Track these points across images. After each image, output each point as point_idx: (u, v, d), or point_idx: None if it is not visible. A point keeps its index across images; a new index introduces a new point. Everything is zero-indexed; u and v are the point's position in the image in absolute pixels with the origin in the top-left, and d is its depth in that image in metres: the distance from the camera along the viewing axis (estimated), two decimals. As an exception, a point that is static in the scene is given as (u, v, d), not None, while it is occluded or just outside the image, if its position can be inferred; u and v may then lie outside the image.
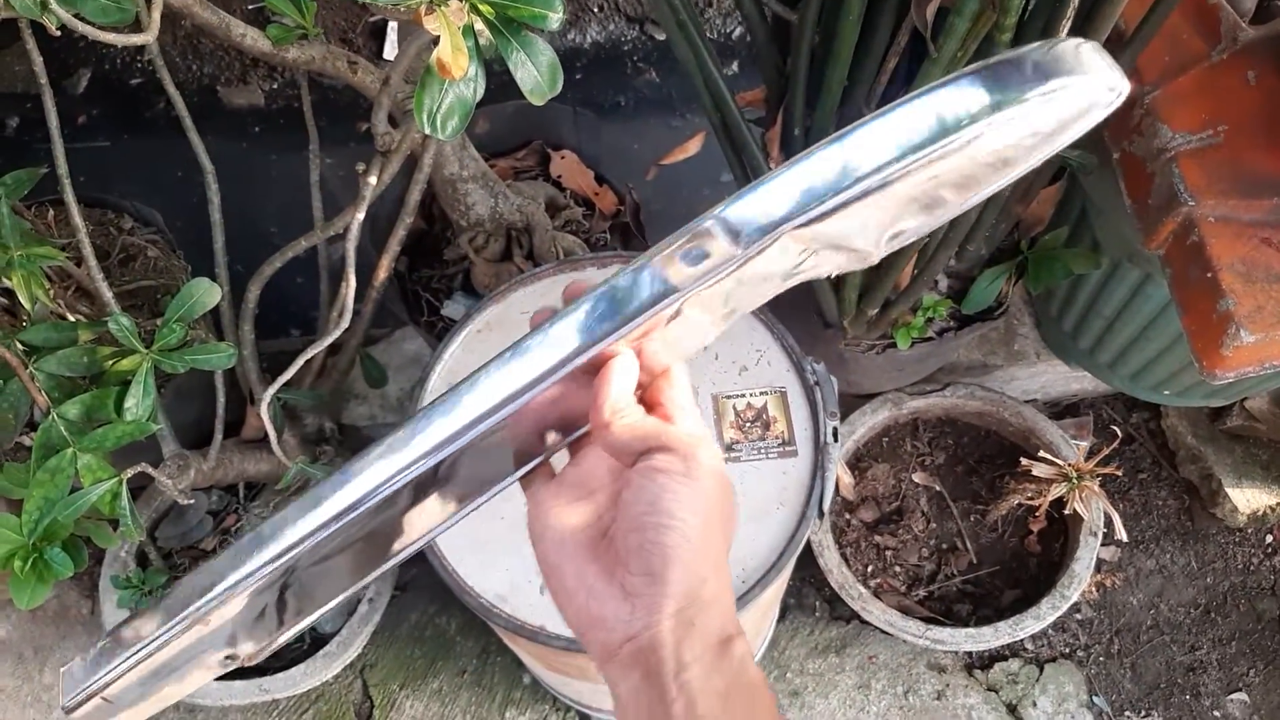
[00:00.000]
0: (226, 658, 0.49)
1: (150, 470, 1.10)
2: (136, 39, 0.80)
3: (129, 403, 1.03)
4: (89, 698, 0.45)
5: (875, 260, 0.45)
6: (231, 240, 1.20)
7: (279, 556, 0.43)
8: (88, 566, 1.04)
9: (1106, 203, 1.14)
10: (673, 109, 2.14)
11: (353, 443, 1.44)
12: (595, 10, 2.18)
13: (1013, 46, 0.90)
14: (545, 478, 0.48)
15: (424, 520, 0.48)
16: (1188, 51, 1.02)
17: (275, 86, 2.14)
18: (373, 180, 1.06)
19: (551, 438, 0.48)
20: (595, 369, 0.44)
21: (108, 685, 0.45)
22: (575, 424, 0.47)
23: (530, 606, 0.98)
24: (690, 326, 0.45)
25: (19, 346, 1.06)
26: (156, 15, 0.82)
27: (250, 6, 2.03)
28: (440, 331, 1.31)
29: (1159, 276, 1.14)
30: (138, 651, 0.44)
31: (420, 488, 0.45)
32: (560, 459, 0.49)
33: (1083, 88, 0.39)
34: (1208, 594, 1.59)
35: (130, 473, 1.05)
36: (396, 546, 0.48)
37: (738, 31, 2.25)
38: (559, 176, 1.41)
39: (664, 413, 0.46)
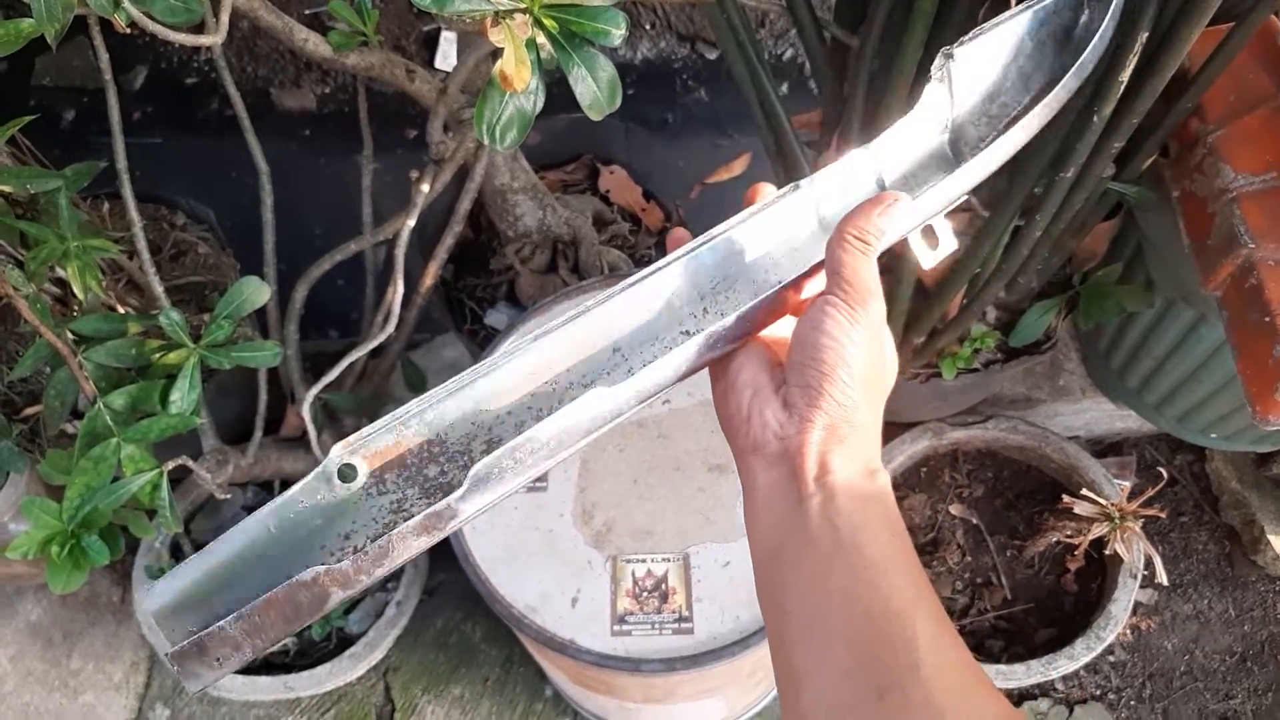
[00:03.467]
0: None
1: (190, 464, 1.11)
2: (204, 40, 0.81)
3: (174, 396, 1.04)
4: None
5: None
6: (277, 240, 1.21)
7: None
8: (121, 555, 1.05)
9: (1163, 241, 1.12)
10: (720, 128, 2.14)
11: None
12: (647, 27, 2.19)
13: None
14: None
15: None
16: (1255, 91, 1.01)
17: (327, 91, 2.16)
18: (425, 188, 1.07)
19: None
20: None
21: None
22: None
23: (560, 619, 0.98)
24: None
25: (69, 336, 1.07)
26: (225, 18, 0.83)
27: (307, 11, 2.06)
28: (483, 340, 1.31)
29: (1214, 318, 1.12)
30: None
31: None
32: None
33: None
34: (1245, 642, 1.56)
35: (171, 465, 1.06)
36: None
37: (789, 54, 2.25)
38: (607, 191, 1.41)
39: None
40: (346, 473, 0.45)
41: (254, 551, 0.44)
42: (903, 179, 0.56)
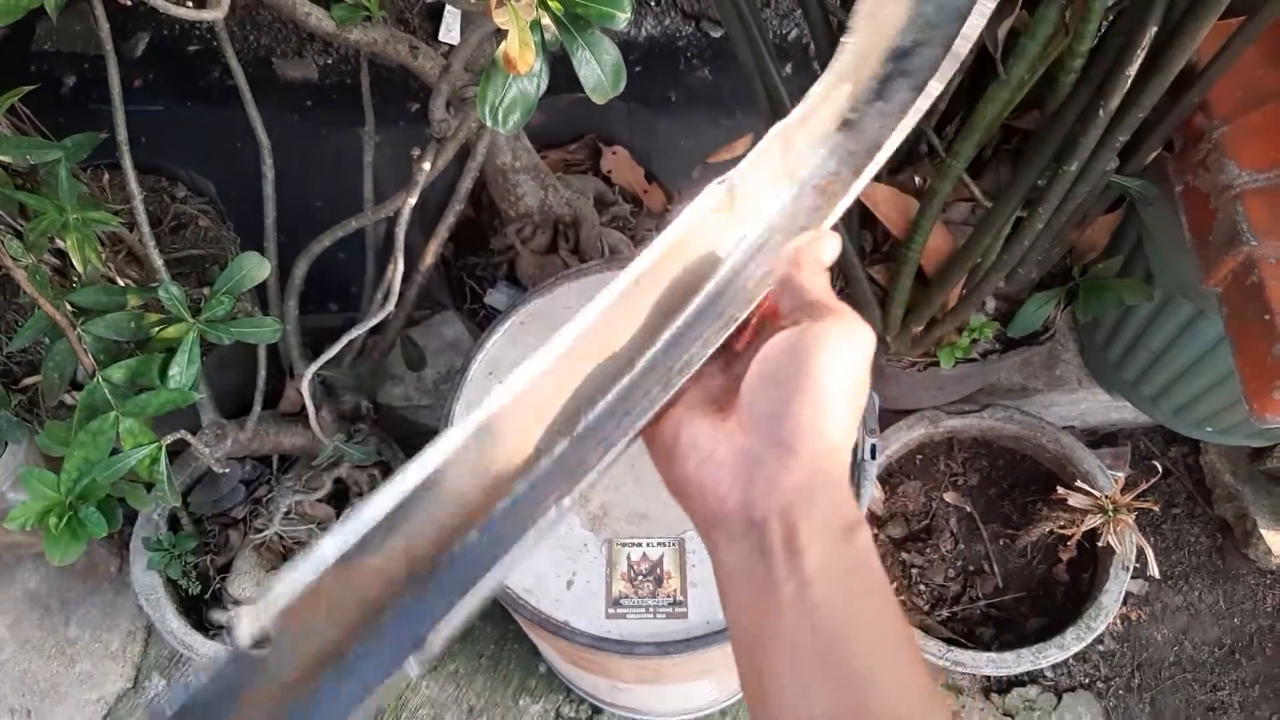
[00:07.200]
0: None
1: (188, 437, 1.11)
2: (205, 15, 0.81)
3: (173, 370, 1.04)
4: None
5: None
6: (278, 212, 1.21)
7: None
8: (119, 527, 1.05)
9: (1165, 235, 1.12)
10: (724, 108, 2.13)
11: (387, 422, 1.45)
12: (652, 4, 2.17)
13: (1083, 75, 0.88)
14: None
15: None
16: (1262, 88, 1.00)
17: (330, 62, 2.15)
18: (426, 166, 1.06)
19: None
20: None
21: None
22: None
23: (556, 601, 0.98)
24: None
25: (68, 308, 1.07)
26: (228, -7, 0.82)
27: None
28: (482, 319, 1.31)
29: (1212, 313, 1.12)
30: None
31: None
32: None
33: None
34: (1234, 634, 1.57)
35: (170, 439, 1.06)
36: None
37: (794, 33, 2.23)
38: (609, 172, 1.41)
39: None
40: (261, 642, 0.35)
41: None
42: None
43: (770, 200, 0.45)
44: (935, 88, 0.45)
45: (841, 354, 0.38)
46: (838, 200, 0.45)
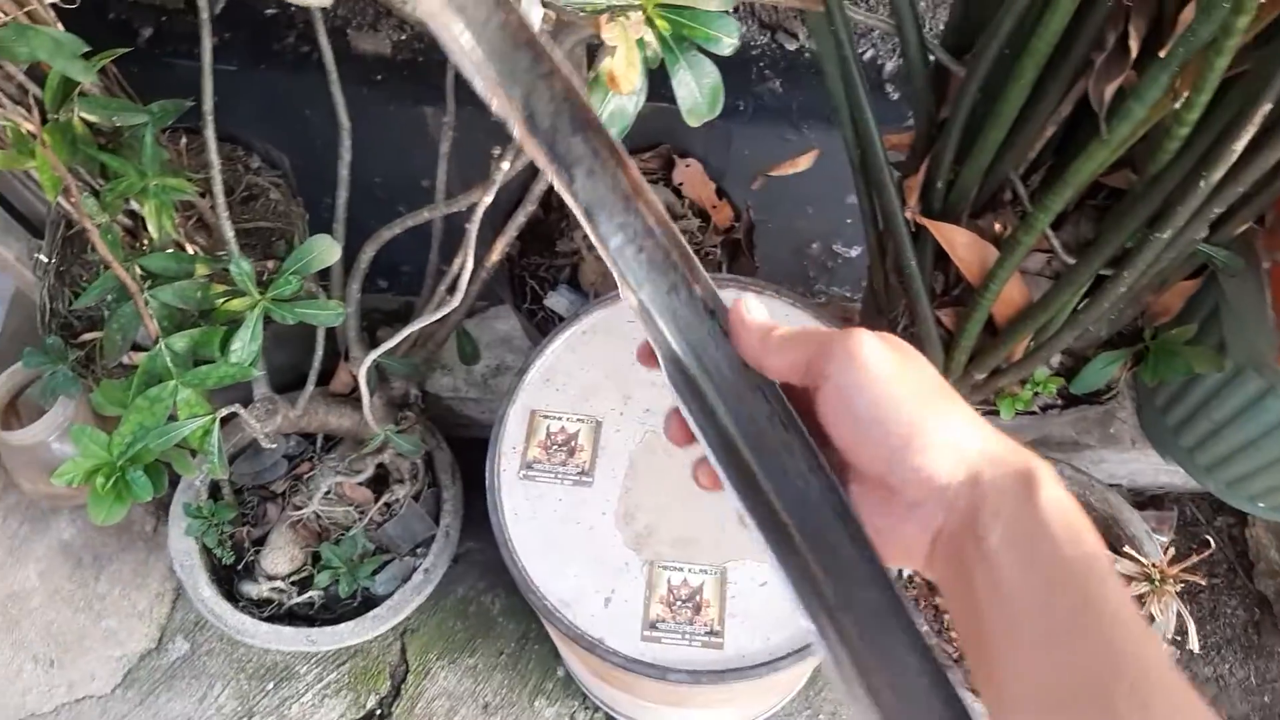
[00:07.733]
0: None
1: (240, 411, 1.11)
2: (314, 2, 0.80)
3: (235, 345, 1.04)
4: None
5: None
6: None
7: None
8: (163, 492, 1.06)
9: (1244, 308, 1.10)
10: (790, 122, 2.12)
11: (435, 411, 1.45)
12: (730, 11, 2.16)
13: (1188, 143, 0.86)
14: None
15: None
16: (1367, 172, 0.97)
17: (403, 38, 2.16)
18: (505, 166, 1.05)
19: None
20: None
21: None
22: None
23: (592, 617, 0.97)
24: None
25: (138, 271, 1.07)
26: (335, -21, 0.82)
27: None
28: (540, 321, 1.31)
29: (1285, 393, 1.10)
30: None
31: None
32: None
33: None
34: (1262, 712, 1.54)
35: (224, 412, 1.06)
36: None
37: (868, 54, 2.21)
38: (680, 184, 1.39)
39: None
40: None
41: None
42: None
43: (665, 321, 0.46)
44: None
45: (866, 374, 0.38)
46: (681, 250, 0.45)
